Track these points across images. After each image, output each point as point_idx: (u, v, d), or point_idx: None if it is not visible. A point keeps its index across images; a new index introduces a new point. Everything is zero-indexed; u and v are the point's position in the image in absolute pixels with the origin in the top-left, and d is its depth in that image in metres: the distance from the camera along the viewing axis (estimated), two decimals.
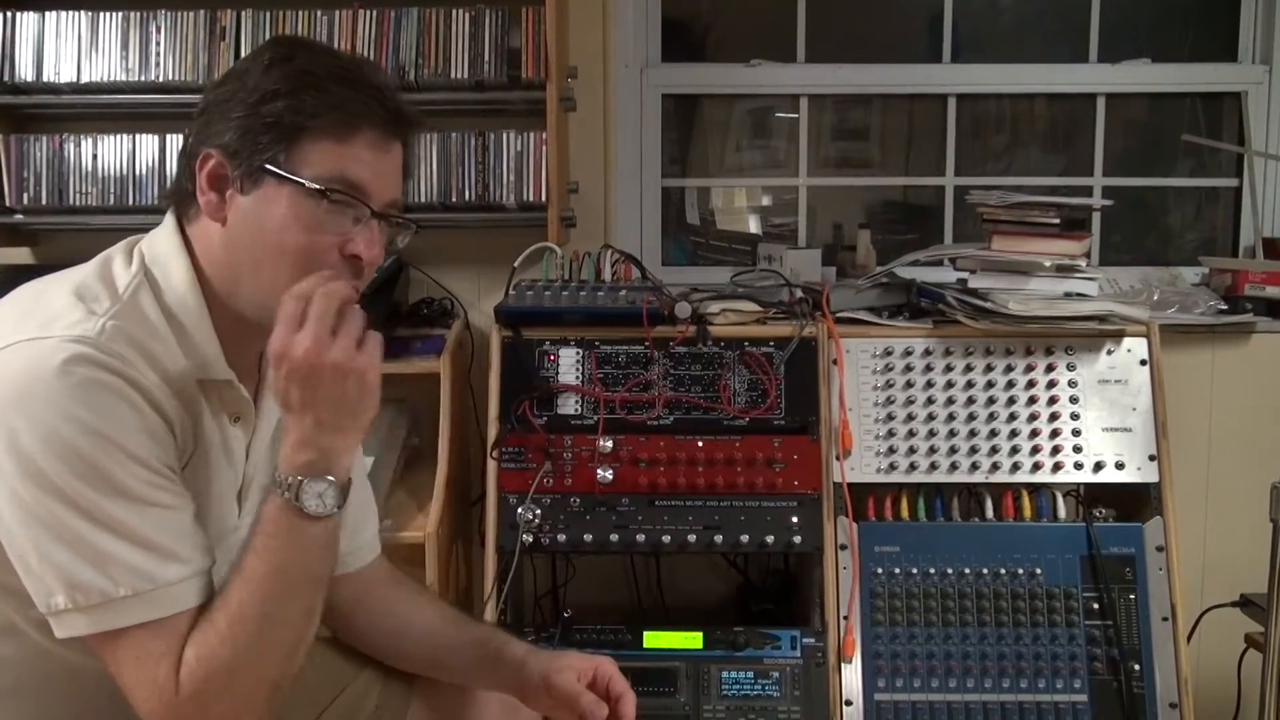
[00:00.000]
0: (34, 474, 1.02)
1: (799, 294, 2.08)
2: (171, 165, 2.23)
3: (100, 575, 1.03)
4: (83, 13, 2.21)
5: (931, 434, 1.95)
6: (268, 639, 1.07)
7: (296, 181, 1.11)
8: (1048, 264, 1.97)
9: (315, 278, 1.09)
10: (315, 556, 1.11)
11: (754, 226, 2.80)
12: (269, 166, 1.11)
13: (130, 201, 2.24)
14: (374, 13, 2.21)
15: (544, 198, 2.22)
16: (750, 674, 1.87)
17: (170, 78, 2.21)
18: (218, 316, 1.17)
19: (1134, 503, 1.95)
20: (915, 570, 1.90)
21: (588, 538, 1.91)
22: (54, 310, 1.08)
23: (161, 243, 1.18)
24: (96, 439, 1.03)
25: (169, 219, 1.20)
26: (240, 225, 1.14)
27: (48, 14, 2.21)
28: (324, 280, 1.08)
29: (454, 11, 2.21)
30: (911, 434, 1.95)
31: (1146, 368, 1.96)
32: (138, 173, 2.23)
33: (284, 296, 1.07)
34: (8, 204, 2.25)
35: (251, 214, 1.13)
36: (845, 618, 1.87)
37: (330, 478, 1.09)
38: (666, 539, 1.90)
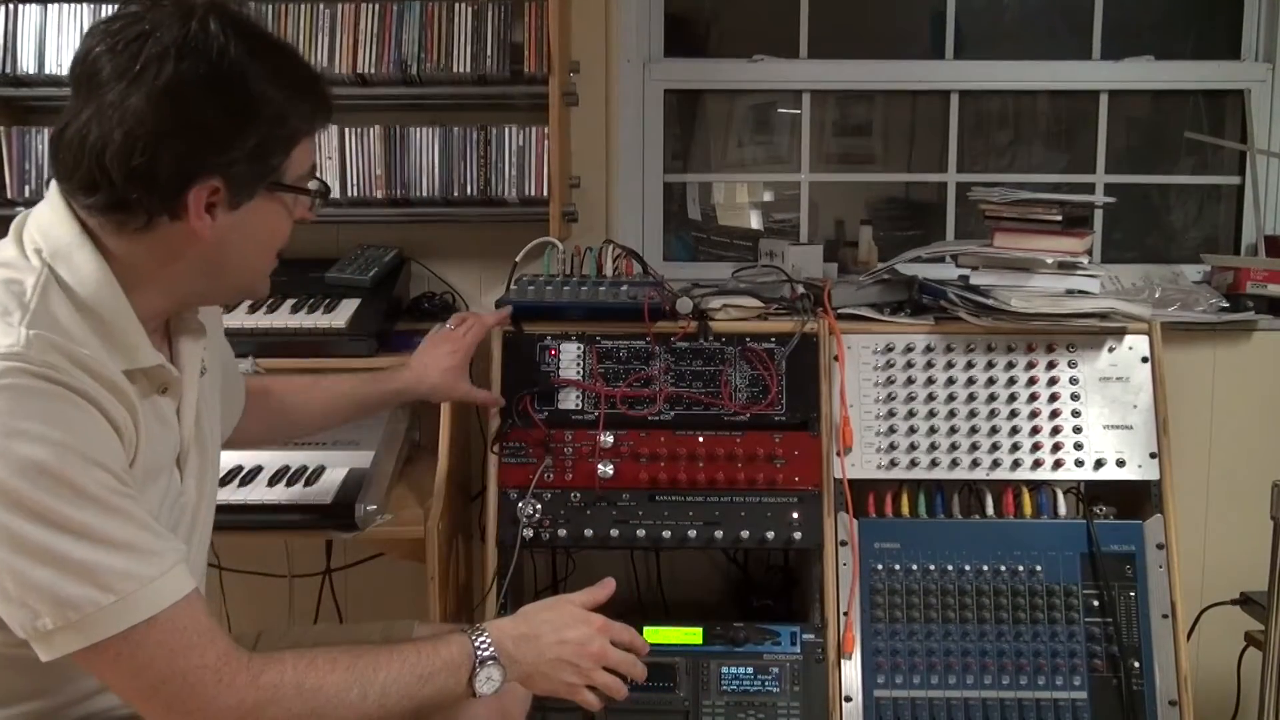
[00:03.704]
0: None
1: (800, 290, 2.08)
2: None
3: (87, 586, 0.99)
4: (85, 5, 2.20)
5: (932, 430, 1.95)
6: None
7: (294, 188, 1.17)
8: (1050, 261, 1.97)
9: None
10: (433, 701, 1.19)
11: (755, 222, 2.80)
12: (271, 183, 1.14)
13: None
14: (376, 6, 2.21)
15: (546, 192, 2.22)
16: (750, 669, 1.87)
17: None
18: (134, 300, 1.11)
19: (1134, 500, 1.95)
20: (915, 566, 1.90)
21: (588, 533, 1.91)
22: None
23: (55, 231, 1.09)
24: (53, 448, 0.98)
25: (58, 203, 1.10)
26: (228, 235, 1.13)
27: (50, 6, 2.21)
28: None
29: (456, 5, 2.21)
30: (912, 430, 1.95)
31: (1148, 365, 1.96)
32: None
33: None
34: (8, 196, 2.25)
35: (242, 224, 1.14)
36: (845, 614, 1.88)
37: (505, 675, 1.22)
38: (667, 534, 1.90)
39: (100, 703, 1.21)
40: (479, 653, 1.21)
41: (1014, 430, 1.94)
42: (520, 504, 1.90)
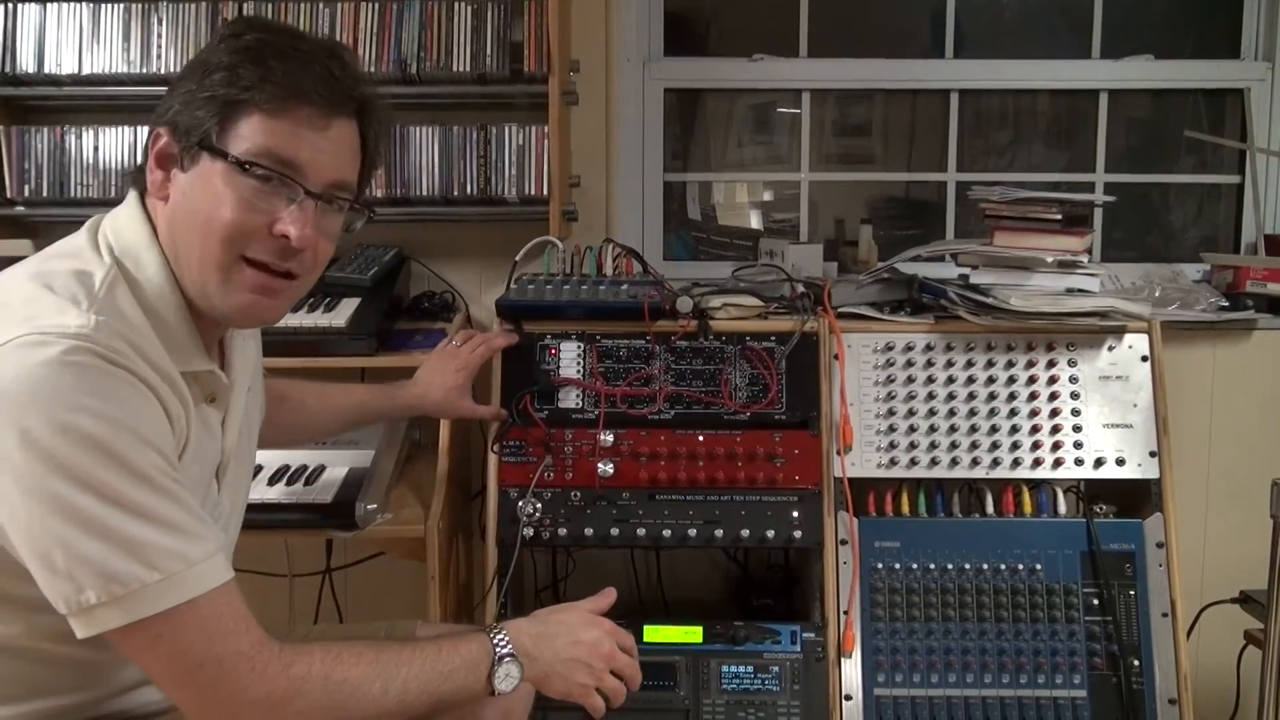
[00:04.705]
0: (56, 468, 0.99)
1: (800, 289, 2.08)
2: None
3: (134, 562, 1.01)
4: (84, 4, 2.21)
5: (932, 429, 1.95)
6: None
7: (223, 154, 1.11)
8: (1050, 260, 1.97)
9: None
10: (452, 698, 1.18)
11: (755, 221, 2.80)
12: (202, 141, 1.12)
13: None
14: (376, 5, 2.21)
15: (546, 191, 2.22)
16: (750, 668, 1.87)
17: (172, 70, 2.20)
18: (188, 303, 1.16)
19: (1134, 499, 1.95)
20: (915, 565, 1.90)
21: (588, 532, 1.91)
22: (35, 310, 1.05)
23: (128, 231, 1.16)
24: (111, 426, 1.01)
25: (132, 200, 1.18)
26: (180, 203, 1.14)
27: (49, 5, 2.21)
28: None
29: (456, 4, 2.21)
30: (912, 429, 1.95)
31: (1148, 364, 1.96)
32: None
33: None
34: (8, 195, 2.25)
35: (189, 190, 1.13)
36: (845, 612, 1.88)
37: (523, 673, 1.23)
38: (667, 533, 1.90)
39: (127, 701, 1.22)
40: (498, 649, 1.21)
41: (1014, 429, 1.95)
42: (520, 503, 1.90)
